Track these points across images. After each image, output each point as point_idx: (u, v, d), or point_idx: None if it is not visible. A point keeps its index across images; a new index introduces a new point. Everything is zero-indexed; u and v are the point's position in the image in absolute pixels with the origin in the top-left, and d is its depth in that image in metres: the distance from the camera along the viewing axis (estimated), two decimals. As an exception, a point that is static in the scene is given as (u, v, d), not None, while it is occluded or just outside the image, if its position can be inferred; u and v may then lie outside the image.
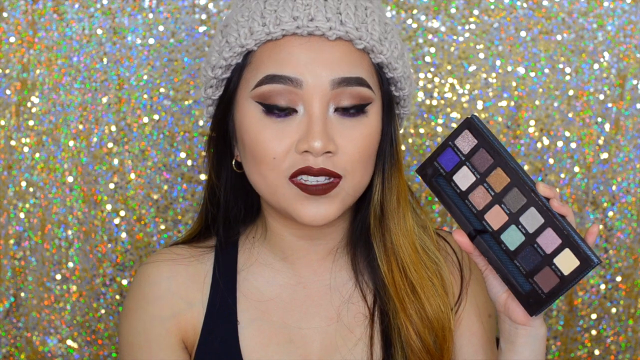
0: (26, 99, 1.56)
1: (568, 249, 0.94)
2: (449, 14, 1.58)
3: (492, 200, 0.98)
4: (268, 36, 1.01)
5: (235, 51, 1.04)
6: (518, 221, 0.97)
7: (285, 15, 1.01)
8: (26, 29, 1.55)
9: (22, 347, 1.59)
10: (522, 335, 1.00)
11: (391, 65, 1.06)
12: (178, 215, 1.58)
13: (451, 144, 1.00)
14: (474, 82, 1.59)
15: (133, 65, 1.56)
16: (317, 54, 1.01)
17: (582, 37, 1.59)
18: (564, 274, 0.94)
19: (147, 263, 1.14)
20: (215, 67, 1.06)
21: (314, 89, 1.00)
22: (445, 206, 1.01)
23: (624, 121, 1.60)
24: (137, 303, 1.12)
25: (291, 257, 1.12)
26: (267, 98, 1.01)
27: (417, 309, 1.09)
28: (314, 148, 0.98)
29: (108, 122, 1.56)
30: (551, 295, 0.95)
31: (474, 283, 1.16)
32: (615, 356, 1.64)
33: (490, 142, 0.98)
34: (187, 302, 1.12)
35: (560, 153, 1.60)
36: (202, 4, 1.55)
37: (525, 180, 0.96)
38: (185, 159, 1.57)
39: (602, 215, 1.62)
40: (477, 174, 0.99)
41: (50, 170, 1.57)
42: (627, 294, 1.63)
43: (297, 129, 1.00)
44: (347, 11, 1.02)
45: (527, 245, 0.96)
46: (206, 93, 1.10)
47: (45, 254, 1.58)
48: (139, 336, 1.11)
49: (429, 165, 1.02)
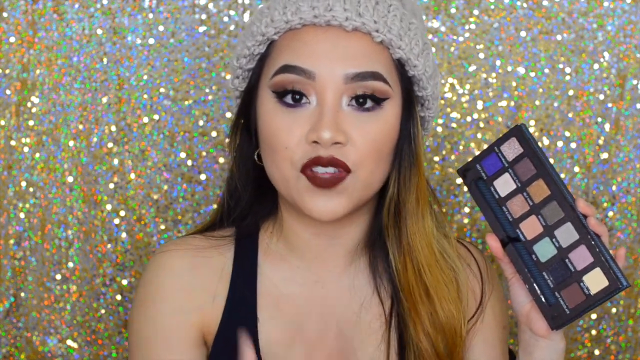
0: (26, 99, 1.56)
1: (599, 269, 0.94)
2: (449, 14, 1.58)
3: (530, 210, 0.98)
4: (287, 24, 1.01)
5: (257, 39, 1.04)
6: (553, 234, 0.97)
7: (304, 5, 1.01)
8: (26, 29, 1.55)
9: (22, 347, 1.59)
10: (541, 348, 0.99)
11: (411, 62, 1.04)
12: (178, 215, 1.58)
13: (496, 149, 1.01)
14: (474, 82, 1.59)
15: (133, 65, 1.56)
16: (333, 46, 1.00)
17: (582, 37, 1.59)
18: (591, 292, 0.94)
19: (164, 252, 1.10)
20: (240, 56, 1.06)
21: (327, 81, 0.99)
22: (482, 210, 1.01)
23: (624, 121, 1.60)
24: (156, 294, 1.08)
25: (308, 255, 1.10)
26: (281, 87, 1.00)
27: (429, 312, 1.07)
28: (322, 138, 0.97)
29: (108, 122, 1.56)
30: (574, 312, 0.95)
31: (492, 294, 1.14)
32: (615, 356, 1.64)
33: (535, 153, 0.98)
34: (210, 295, 1.09)
35: (560, 153, 1.60)
36: (202, 4, 1.55)
37: (566, 195, 0.96)
38: (185, 159, 1.57)
39: (602, 215, 1.62)
40: (518, 182, 0.99)
41: (50, 170, 1.57)
42: (627, 294, 1.63)
43: (309, 119, 0.99)
44: (367, 4, 1.01)
45: (559, 260, 0.97)
46: (233, 84, 1.09)
47: (45, 254, 1.58)
48: (156, 330, 1.07)
49: (472, 167, 1.02)
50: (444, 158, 1.60)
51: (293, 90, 1.00)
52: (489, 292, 1.14)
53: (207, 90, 1.57)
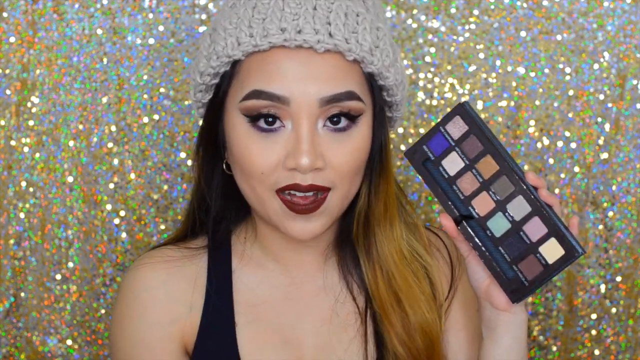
0: (26, 99, 1.56)
1: (554, 238, 0.94)
2: (449, 14, 1.58)
3: (480, 186, 0.98)
4: (255, 48, 0.98)
5: (223, 60, 1.01)
6: (505, 208, 0.97)
7: (272, 27, 0.97)
8: (26, 29, 1.55)
9: (22, 347, 1.59)
10: (503, 322, 1.00)
11: (382, 75, 1.03)
12: (178, 215, 1.58)
13: (442, 129, 1.00)
14: (474, 82, 1.59)
15: (133, 65, 1.56)
16: (305, 69, 0.98)
17: (582, 37, 1.59)
18: (549, 262, 0.95)
19: (138, 266, 1.10)
20: (204, 74, 1.04)
21: (302, 106, 0.97)
22: (432, 191, 1.01)
23: (624, 121, 1.60)
24: (133, 310, 1.08)
25: (282, 258, 1.12)
26: (253, 112, 0.99)
27: (401, 318, 1.09)
28: (302, 166, 0.96)
29: (108, 122, 1.57)
30: (534, 284, 0.96)
31: (462, 278, 1.16)
32: (615, 356, 1.64)
33: (481, 129, 0.98)
34: (186, 305, 1.09)
35: (560, 153, 1.60)
36: (202, 4, 1.55)
37: (515, 169, 0.96)
38: (185, 159, 1.57)
39: (602, 215, 1.62)
40: (466, 160, 0.99)
41: (50, 170, 1.57)
42: (627, 294, 1.63)
43: (285, 144, 0.98)
44: (337, 21, 0.98)
45: (513, 233, 0.97)
46: (196, 97, 1.08)
47: (45, 254, 1.58)
48: (138, 346, 1.07)
49: (418, 149, 1.01)
50: (444, 158, 1.60)
51: (267, 114, 0.98)
52: (458, 272, 1.15)
53: (207, 90, 1.57)
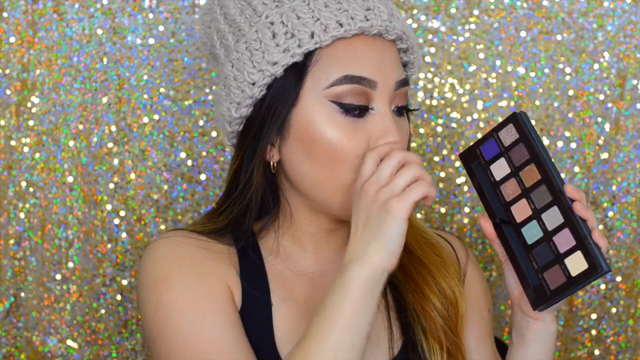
0: (26, 99, 1.56)
1: (580, 252, 0.95)
2: (449, 14, 1.58)
3: (521, 193, 1.00)
4: (346, 33, 1.01)
5: (308, 48, 1.01)
6: (540, 217, 0.99)
7: (359, 14, 1.01)
8: (26, 29, 1.55)
9: (22, 347, 1.59)
10: (533, 330, 1.03)
11: (415, 61, 1.10)
12: (178, 215, 1.58)
13: (495, 135, 1.03)
14: (474, 82, 1.59)
15: (133, 65, 1.56)
16: (383, 55, 1.03)
17: (582, 37, 1.59)
18: (572, 275, 0.96)
19: (168, 236, 1.08)
20: (266, 70, 1.02)
21: (384, 89, 1.02)
22: (478, 193, 1.04)
23: (624, 121, 1.60)
24: (180, 265, 1.04)
25: (310, 247, 1.12)
26: (343, 97, 1.01)
27: (429, 282, 1.10)
28: (393, 142, 1.01)
29: (108, 122, 1.57)
30: (555, 294, 0.97)
31: (475, 279, 1.17)
32: (615, 356, 1.64)
33: (529, 138, 1.00)
34: (231, 270, 1.07)
35: (560, 153, 1.60)
36: (202, 4, 1.55)
37: (555, 179, 0.98)
38: (185, 159, 1.57)
39: (602, 215, 1.62)
40: (512, 167, 1.02)
41: (50, 170, 1.57)
42: (627, 294, 1.63)
43: (371, 128, 1.02)
44: (393, 11, 1.05)
45: (544, 242, 0.98)
46: (239, 112, 1.05)
47: (45, 254, 1.58)
48: (199, 295, 1.03)
49: (472, 151, 1.05)
50: (444, 158, 1.60)
51: (357, 99, 1.01)
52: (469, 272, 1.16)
53: (207, 90, 1.57)
